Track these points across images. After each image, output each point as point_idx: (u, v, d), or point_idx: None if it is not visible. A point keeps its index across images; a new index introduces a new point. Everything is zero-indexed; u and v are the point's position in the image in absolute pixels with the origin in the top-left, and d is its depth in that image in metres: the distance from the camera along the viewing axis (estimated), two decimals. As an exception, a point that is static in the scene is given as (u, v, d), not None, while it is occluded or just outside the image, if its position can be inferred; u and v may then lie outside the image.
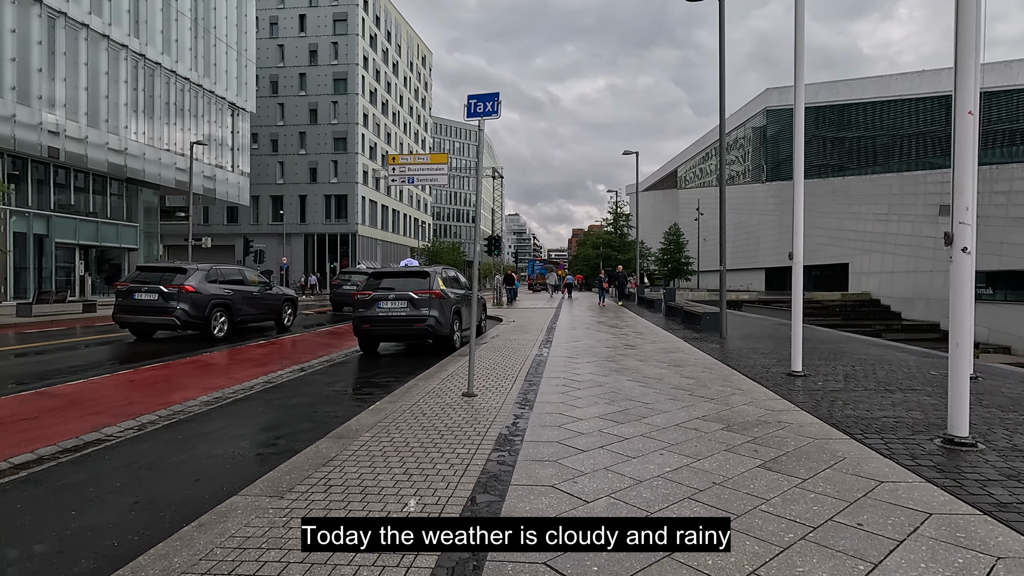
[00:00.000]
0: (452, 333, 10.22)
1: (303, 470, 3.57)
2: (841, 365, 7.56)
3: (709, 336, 11.56)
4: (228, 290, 12.19)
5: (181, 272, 11.60)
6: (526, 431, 4.44)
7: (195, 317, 11.25)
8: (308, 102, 52.88)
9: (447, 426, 4.61)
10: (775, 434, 4.28)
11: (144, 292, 11.29)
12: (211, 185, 32.27)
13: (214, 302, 11.64)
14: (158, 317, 11.16)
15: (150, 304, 11.18)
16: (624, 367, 7.56)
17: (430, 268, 10.29)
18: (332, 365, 8.93)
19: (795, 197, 6.84)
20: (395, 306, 9.62)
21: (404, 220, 66.88)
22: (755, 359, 8.22)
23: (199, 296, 11.39)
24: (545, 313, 19.38)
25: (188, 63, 29.96)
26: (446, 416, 4.96)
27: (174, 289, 11.17)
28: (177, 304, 11.08)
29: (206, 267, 12.21)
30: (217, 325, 11.70)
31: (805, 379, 6.53)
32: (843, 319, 32.44)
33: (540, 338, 11.23)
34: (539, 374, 7.07)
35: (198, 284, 11.48)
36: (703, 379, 6.61)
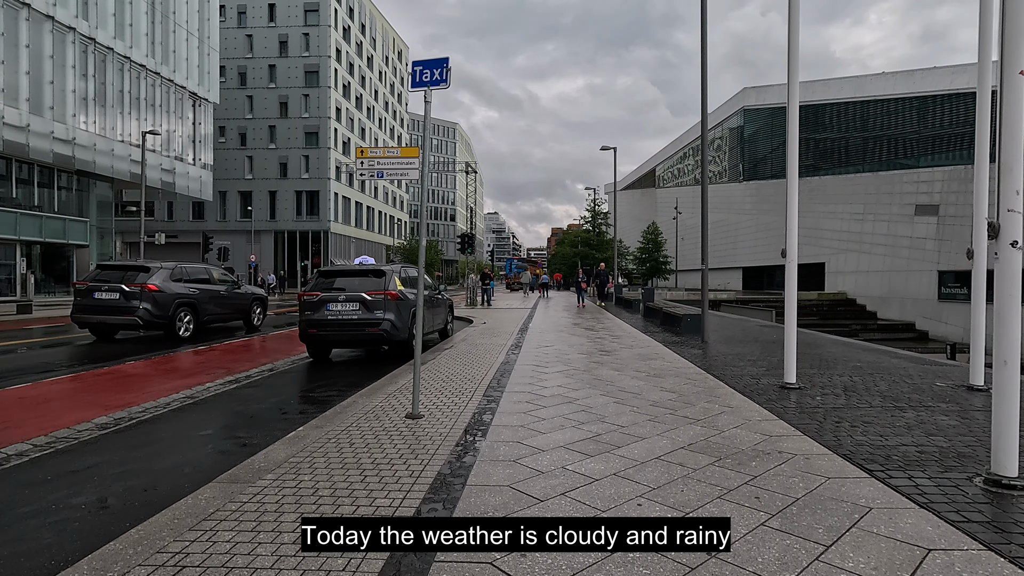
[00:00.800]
0: (411, 338, 9.26)
1: (151, 542, 2.62)
2: (836, 374, 6.84)
3: (690, 339, 10.83)
4: (194, 289, 11.77)
5: (144, 271, 11.16)
6: (472, 469, 3.56)
7: (159, 317, 10.84)
8: (278, 95, 51.12)
9: (375, 462, 3.70)
10: (778, 471, 3.47)
11: (105, 291, 10.84)
12: (170, 179, 30.63)
13: (179, 301, 11.25)
14: (120, 317, 10.74)
15: (111, 304, 10.75)
16: (598, 378, 6.72)
17: (387, 266, 9.33)
18: (272, 375, 7.92)
19: (788, 191, 6.09)
20: (346, 308, 8.63)
21: (379, 217, 65.39)
22: (742, 367, 7.47)
23: (163, 295, 10.99)
24: (519, 314, 18.52)
25: (144, 49, 28.31)
26: (379, 447, 4.05)
27: (136, 288, 10.75)
28: (140, 304, 10.67)
29: (171, 265, 11.75)
30: (182, 325, 11.29)
31: (800, 392, 5.78)
32: (820, 319, 32.32)
33: (509, 343, 10.36)
34: (501, 387, 6.19)
35: (162, 283, 11.08)
36: (686, 393, 5.80)
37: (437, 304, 11.15)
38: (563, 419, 4.80)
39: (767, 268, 45.79)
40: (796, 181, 6.18)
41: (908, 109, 39.33)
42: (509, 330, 12.77)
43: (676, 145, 64.11)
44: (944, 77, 37.73)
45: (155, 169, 29.09)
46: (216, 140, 50.73)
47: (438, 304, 11.25)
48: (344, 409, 5.31)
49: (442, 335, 12.02)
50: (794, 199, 6.09)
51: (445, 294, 12.03)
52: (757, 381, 6.41)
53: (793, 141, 6.07)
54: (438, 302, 11.27)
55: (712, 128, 52.98)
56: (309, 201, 51.45)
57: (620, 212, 57.25)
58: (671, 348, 9.49)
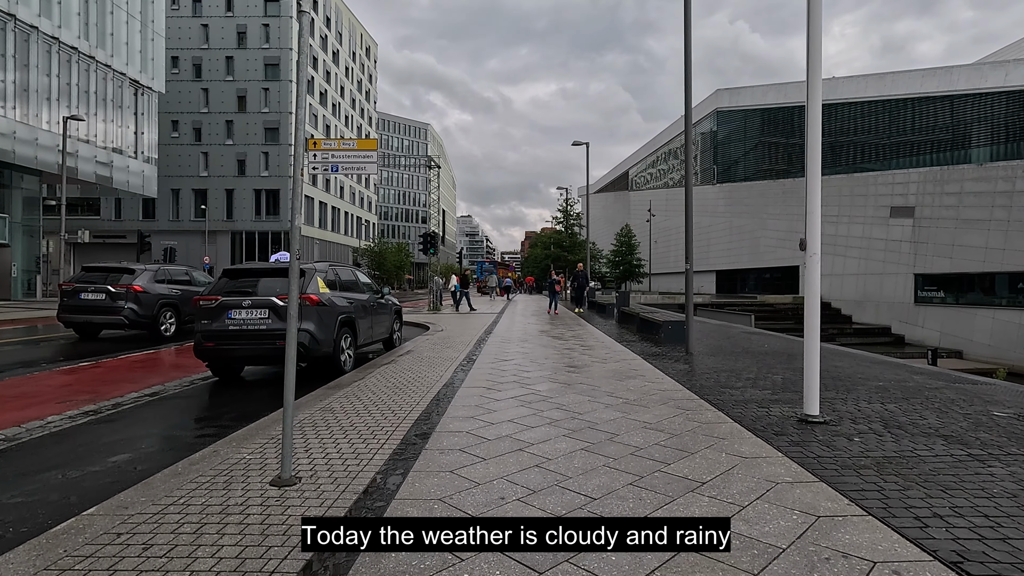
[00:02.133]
0: (339, 352, 7.59)
1: None
2: (863, 400, 5.44)
3: (672, 350, 9.41)
4: (176, 290, 12.34)
5: (129, 272, 11.76)
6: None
7: (143, 317, 11.40)
8: (236, 88, 48.49)
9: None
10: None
11: (91, 292, 11.37)
12: (107, 172, 28.10)
13: (162, 302, 11.82)
14: (105, 316, 11.27)
15: (97, 304, 11.28)
16: (562, 407, 5.18)
17: (308, 264, 7.62)
18: (150, 403, 6.16)
19: (809, 182, 4.67)
20: (252, 316, 6.91)
21: (345, 218, 63.00)
22: (741, 389, 6.03)
23: (147, 296, 11.56)
24: (483, 320, 16.93)
25: (76, 30, 25.84)
26: (191, 551, 2.41)
27: (122, 289, 11.31)
28: (125, 304, 11.23)
29: (154, 268, 12.41)
30: (165, 324, 11.86)
31: (829, 430, 4.34)
32: (796, 323, 31.56)
33: (462, 355, 8.75)
34: (432, 424, 4.60)
35: (146, 284, 11.69)
36: (679, 433, 4.30)
37: (379, 310, 9.48)
38: (507, 483, 3.25)
39: (740, 271, 45.25)
40: (819, 171, 4.76)
41: (879, 112, 39.18)
42: (466, 339, 11.17)
43: (649, 147, 63.53)
44: (915, 80, 37.69)
45: (88, 162, 26.59)
46: (168, 135, 47.94)
47: (381, 310, 9.58)
48: (191, 466, 3.65)
49: (387, 345, 10.36)
50: (816, 189, 4.68)
51: (391, 298, 10.37)
52: (767, 411, 4.96)
53: (816, 132, 4.66)
54: (381, 308, 9.60)
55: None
56: (269, 200, 48.90)
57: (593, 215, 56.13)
58: (652, 362, 8.03)
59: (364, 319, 8.59)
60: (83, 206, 47.17)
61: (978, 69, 35.74)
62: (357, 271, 9.25)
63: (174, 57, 47.61)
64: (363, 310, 8.62)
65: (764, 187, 42.34)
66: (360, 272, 9.35)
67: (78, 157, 23.45)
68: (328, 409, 5.14)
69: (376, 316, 9.24)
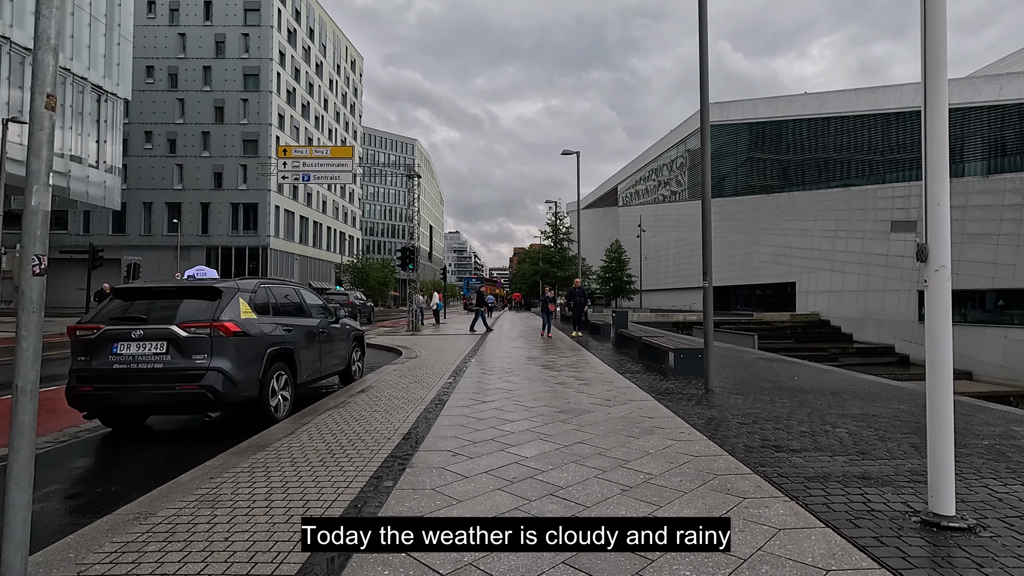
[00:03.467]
0: (267, 395, 5.89)
1: None
2: (987, 474, 3.85)
3: (686, 387, 7.81)
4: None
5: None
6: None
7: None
8: (213, 98, 46.86)
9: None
10: None
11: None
12: (63, 183, 26.15)
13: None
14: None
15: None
16: (557, 493, 3.53)
17: (227, 283, 5.94)
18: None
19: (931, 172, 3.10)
20: (143, 351, 5.22)
21: (328, 234, 61.17)
22: (804, 455, 4.42)
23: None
24: (465, 343, 15.25)
25: (29, 30, 24.11)
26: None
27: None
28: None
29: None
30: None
31: (986, 552, 2.73)
32: (795, 342, 30.25)
33: (431, 396, 7.06)
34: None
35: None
36: (749, 557, 2.67)
37: (332, 338, 7.76)
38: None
39: (732, 288, 44.03)
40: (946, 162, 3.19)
41: (872, 127, 38.51)
42: (441, 370, 9.48)
43: (639, 163, 62.71)
44: (906, 94, 37.10)
45: (41, 170, 24.63)
46: (141, 146, 46.12)
47: (334, 338, 7.86)
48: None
49: (344, 378, 8.65)
50: (944, 178, 3.13)
51: (349, 321, 8.67)
52: (864, 502, 3.33)
53: (942, 131, 3.13)
54: (334, 335, 7.88)
55: (673, 147, 51.61)
56: (247, 214, 47.02)
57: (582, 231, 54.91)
58: (666, 404, 6.41)
59: (308, 349, 6.89)
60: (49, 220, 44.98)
61: (971, 83, 35.18)
62: (303, 291, 7.54)
63: (149, 66, 46.00)
64: (307, 339, 6.93)
65: (756, 202, 41.38)
66: (307, 292, 7.63)
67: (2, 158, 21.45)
68: (211, 500, 3.43)
69: (327, 345, 7.53)
